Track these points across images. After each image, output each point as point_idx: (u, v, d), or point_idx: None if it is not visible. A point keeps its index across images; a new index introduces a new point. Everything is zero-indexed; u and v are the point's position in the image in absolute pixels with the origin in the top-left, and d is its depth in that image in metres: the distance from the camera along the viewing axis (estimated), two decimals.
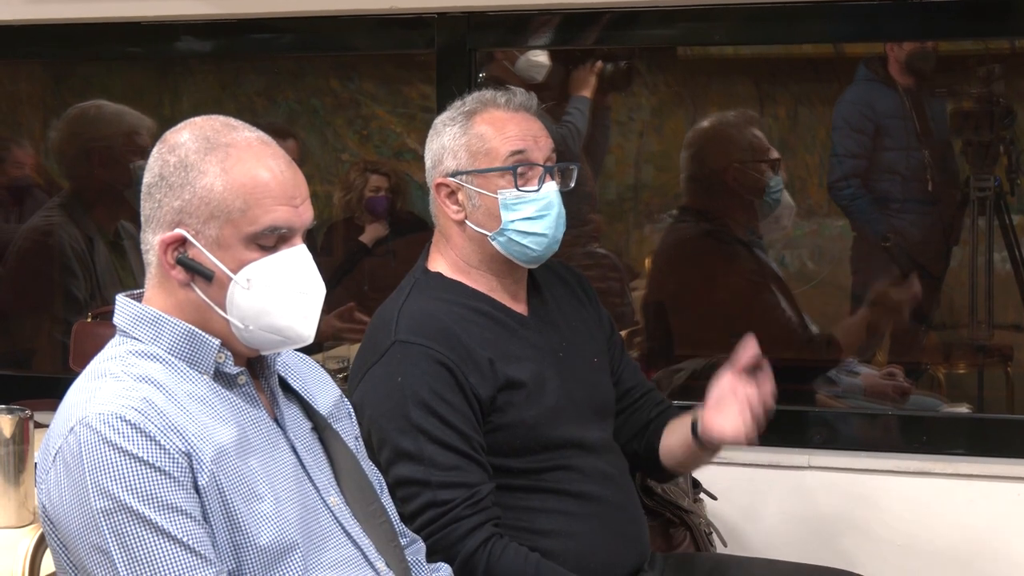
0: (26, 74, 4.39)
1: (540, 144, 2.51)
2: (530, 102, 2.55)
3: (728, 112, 3.95)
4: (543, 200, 2.49)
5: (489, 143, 2.49)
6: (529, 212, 2.48)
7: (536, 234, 2.49)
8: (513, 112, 2.52)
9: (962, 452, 3.26)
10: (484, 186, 2.49)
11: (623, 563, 2.55)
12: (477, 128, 2.50)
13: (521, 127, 2.51)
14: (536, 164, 2.49)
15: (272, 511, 1.89)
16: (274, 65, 4.45)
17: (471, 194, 2.50)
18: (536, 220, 2.49)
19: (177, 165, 1.91)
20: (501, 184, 2.48)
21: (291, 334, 1.95)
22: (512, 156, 2.48)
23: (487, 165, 2.49)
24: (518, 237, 2.49)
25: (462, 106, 2.54)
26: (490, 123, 2.50)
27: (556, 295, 2.65)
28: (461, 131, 2.51)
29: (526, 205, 2.48)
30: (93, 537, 1.79)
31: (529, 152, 2.49)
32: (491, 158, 2.49)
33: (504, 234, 2.49)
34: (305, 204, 1.95)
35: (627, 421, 2.69)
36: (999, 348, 3.96)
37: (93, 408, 1.83)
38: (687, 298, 3.91)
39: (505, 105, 2.52)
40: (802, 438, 3.34)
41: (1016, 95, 3.90)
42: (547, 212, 2.49)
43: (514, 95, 2.54)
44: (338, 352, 3.89)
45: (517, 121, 2.51)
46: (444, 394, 2.40)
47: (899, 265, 4.03)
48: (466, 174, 2.50)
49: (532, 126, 2.52)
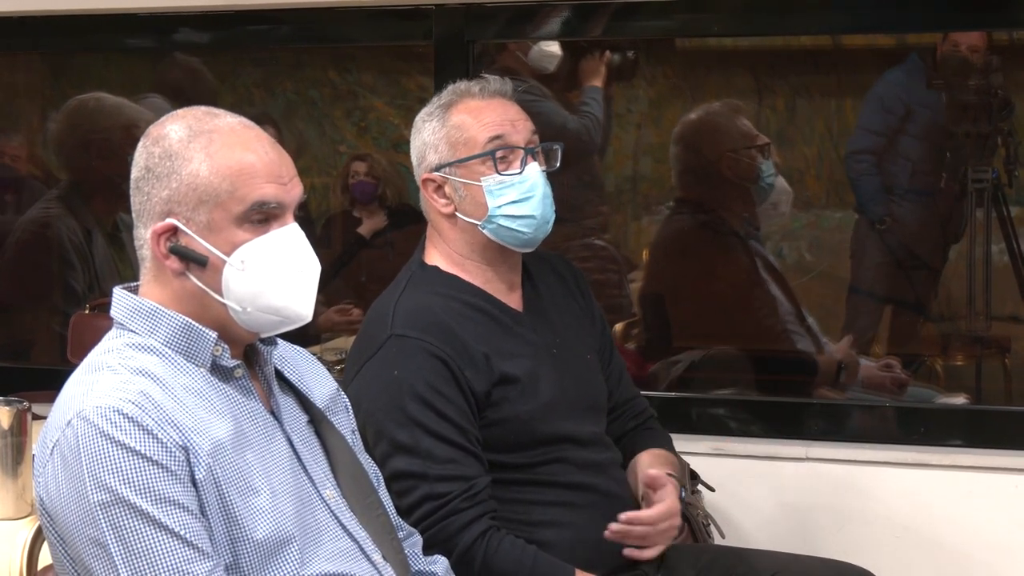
0: (24, 65, 4.38)
1: (518, 127, 2.52)
2: (505, 87, 2.56)
3: (712, 103, 3.94)
4: (526, 182, 2.50)
5: (467, 132, 2.50)
6: (513, 196, 2.49)
7: (524, 216, 2.50)
8: (488, 99, 2.53)
9: (960, 444, 3.26)
10: (467, 175, 2.50)
11: (619, 553, 2.55)
12: (454, 119, 2.51)
13: (497, 112, 2.52)
14: (516, 147, 2.50)
15: (268, 505, 1.89)
16: (272, 57, 4.45)
17: (456, 186, 2.51)
18: (522, 203, 2.49)
19: (162, 155, 1.92)
20: (483, 171, 2.50)
21: (289, 313, 1.95)
22: (491, 142, 2.49)
23: (467, 154, 2.50)
24: (506, 222, 2.50)
25: (439, 100, 2.56)
26: (466, 112, 2.51)
27: (551, 289, 2.66)
28: (440, 124, 2.52)
29: (509, 189, 2.49)
30: (90, 530, 1.80)
31: (507, 136, 2.50)
32: (470, 146, 2.50)
33: (493, 221, 2.50)
34: (293, 181, 1.95)
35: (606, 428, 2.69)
36: (997, 340, 3.96)
37: (90, 401, 1.83)
38: (685, 290, 3.91)
39: (480, 93, 2.53)
40: (799, 429, 3.34)
41: (1014, 87, 3.90)
42: (531, 194, 2.50)
43: (488, 82, 2.55)
44: (336, 344, 3.89)
45: (493, 107, 2.52)
46: (440, 388, 2.40)
47: (893, 252, 4.05)
48: (449, 166, 2.51)
49: (509, 110, 2.53)
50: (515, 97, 2.58)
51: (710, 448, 3.23)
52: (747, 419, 3.36)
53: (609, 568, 2.51)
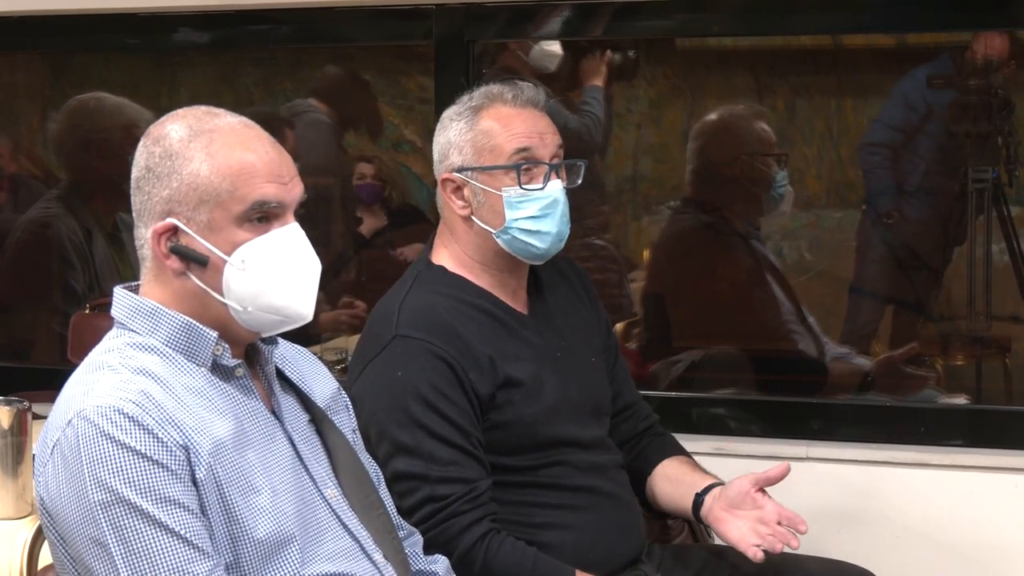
0: (24, 65, 4.38)
1: (546, 141, 2.49)
2: (538, 97, 2.53)
3: (736, 104, 3.94)
4: (547, 199, 2.47)
5: (494, 140, 2.47)
6: (533, 211, 2.47)
7: (540, 232, 2.48)
8: (520, 108, 2.50)
9: (960, 443, 3.26)
10: (489, 183, 2.48)
11: (620, 554, 2.55)
12: (483, 124, 2.49)
13: (527, 124, 2.48)
14: (541, 162, 2.48)
15: (269, 504, 1.89)
16: (272, 57, 4.45)
17: (476, 190, 2.49)
18: (540, 219, 2.47)
19: (162, 155, 1.92)
20: (506, 182, 2.47)
21: (290, 312, 1.95)
22: (517, 154, 2.46)
23: (492, 162, 2.47)
24: (522, 235, 2.48)
25: (469, 100, 2.52)
26: (496, 119, 2.48)
27: (557, 293, 2.65)
28: (467, 126, 2.49)
29: (530, 204, 2.47)
30: (91, 530, 1.80)
31: (534, 149, 2.47)
32: (496, 155, 2.47)
33: (508, 232, 2.48)
34: (294, 181, 1.95)
35: (613, 430, 2.68)
36: (997, 339, 3.96)
37: (91, 401, 1.83)
38: (685, 290, 3.91)
39: (512, 101, 2.50)
40: (800, 429, 3.34)
41: (1015, 86, 3.90)
42: (551, 211, 2.48)
43: (521, 90, 2.51)
44: (336, 343, 3.89)
45: (524, 118, 2.49)
46: (444, 389, 2.39)
47: (895, 250, 4.04)
48: (471, 170, 2.49)
49: (539, 123, 2.50)
50: (547, 107, 2.55)
51: (710, 448, 3.23)
52: (747, 419, 3.36)
53: (610, 570, 2.51)
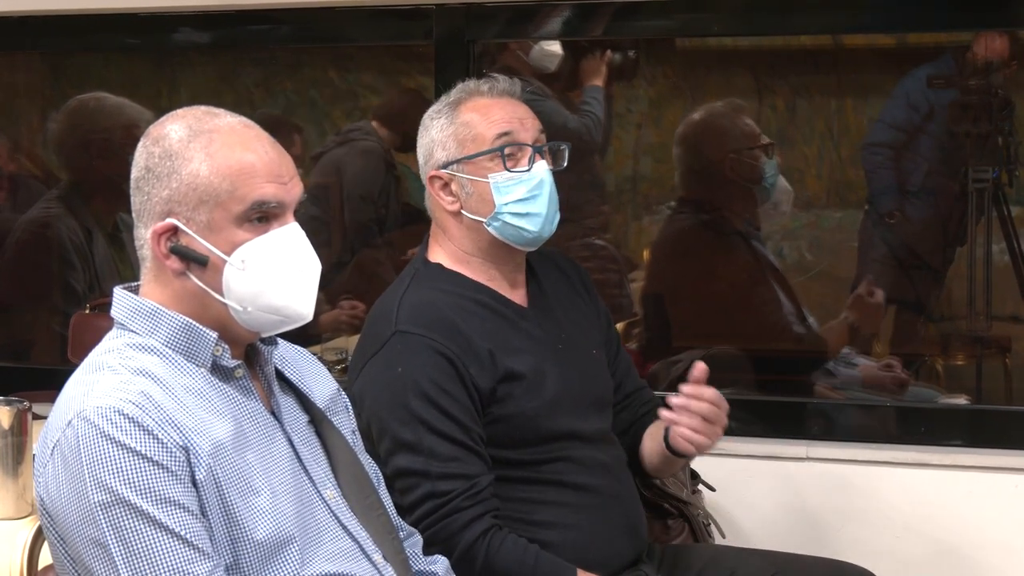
0: (24, 65, 4.38)
1: (527, 125, 2.53)
2: (514, 87, 2.57)
3: (715, 103, 3.94)
4: (534, 179, 2.50)
5: (475, 129, 2.51)
6: (521, 193, 2.49)
7: (530, 215, 2.50)
8: (497, 98, 2.54)
9: (960, 443, 3.27)
10: (475, 172, 2.51)
11: (621, 554, 2.55)
12: (463, 116, 2.52)
13: (506, 110, 2.52)
14: (524, 144, 2.51)
15: (268, 505, 1.89)
16: (272, 57, 4.45)
17: (463, 182, 2.52)
18: (529, 200, 2.50)
19: (162, 155, 1.92)
20: (491, 168, 2.50)
21: (289, 312, 1.95)
22: (499, 138, 2.50)
23: (475, 150, 2.50)
24: (513, 220, 2.50)
25: (447, 98, 2.56)
26: (475, 110, 2.52)
27: (555, 286, 2.66)
28: (448, 122, 2.53)
29: (517, 186, 2.49)
30: (91, 530, 1.80)
31: (516, 133, 2.51)
32: (479, 143, 2.50)
33: (499, 218, 2.50)
34: (293, 180, 1.95)
35: (615, 419, 2.69)
36: (997, 340, 3.96)
37: (91, 401, 1.83)
38: (685, 289, 3.91)
39: (489, 92, 2.54)
40: (800, 429, 3.34)
41: (1015, 86, 3.90)
42: (539, 192, 2.50)
43: (497, 81, 2.56)
44: (336, 344, 3.89)
45: (502, 105, 2.53)
46: (444, 385, 2.40)
47: (894, 251, 4.04)
48: (456, 163, 2.51)
49: (517, 109, 2.54)
50: (523, 97, 2.59)
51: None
52: (748, 419, 3.36)
53: (612, 570, 2.51)
